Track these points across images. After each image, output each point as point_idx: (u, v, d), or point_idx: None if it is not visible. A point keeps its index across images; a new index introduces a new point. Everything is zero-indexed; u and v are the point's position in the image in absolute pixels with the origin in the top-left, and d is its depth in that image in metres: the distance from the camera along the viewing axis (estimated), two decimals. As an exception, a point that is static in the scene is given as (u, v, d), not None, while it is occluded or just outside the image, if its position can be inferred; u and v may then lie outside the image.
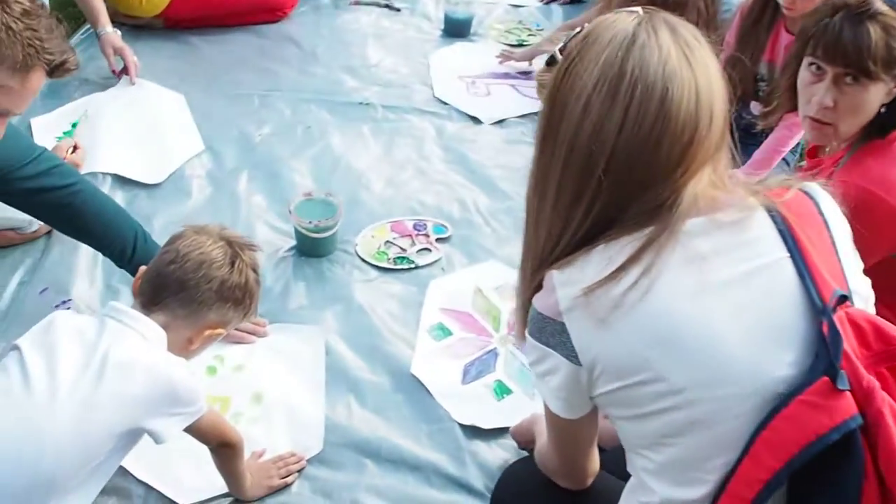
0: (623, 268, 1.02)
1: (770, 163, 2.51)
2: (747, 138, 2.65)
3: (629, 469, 1.18)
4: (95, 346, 1.33)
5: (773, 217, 1.06)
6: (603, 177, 1.03)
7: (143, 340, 1.38)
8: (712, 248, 1.04)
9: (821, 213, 1.10)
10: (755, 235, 1.05)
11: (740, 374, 1.01)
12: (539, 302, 1.11)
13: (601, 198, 1.05)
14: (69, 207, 1.86)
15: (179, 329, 1.46)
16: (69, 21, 3.34)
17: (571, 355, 1.07)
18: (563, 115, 1.06)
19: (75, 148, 2.46)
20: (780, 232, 1.05)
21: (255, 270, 1.55)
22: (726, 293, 1.02)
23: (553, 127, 1.08)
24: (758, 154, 2.52)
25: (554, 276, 1.08)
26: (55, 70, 1.46)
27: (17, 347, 1.36)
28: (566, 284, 1.06)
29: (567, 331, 1.07)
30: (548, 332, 1.09)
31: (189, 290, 1.45)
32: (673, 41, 1.03)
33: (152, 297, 1.46)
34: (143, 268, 1.53)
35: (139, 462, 1.65)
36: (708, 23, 2.78)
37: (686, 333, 1.01)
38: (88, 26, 3.34)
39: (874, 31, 1.57)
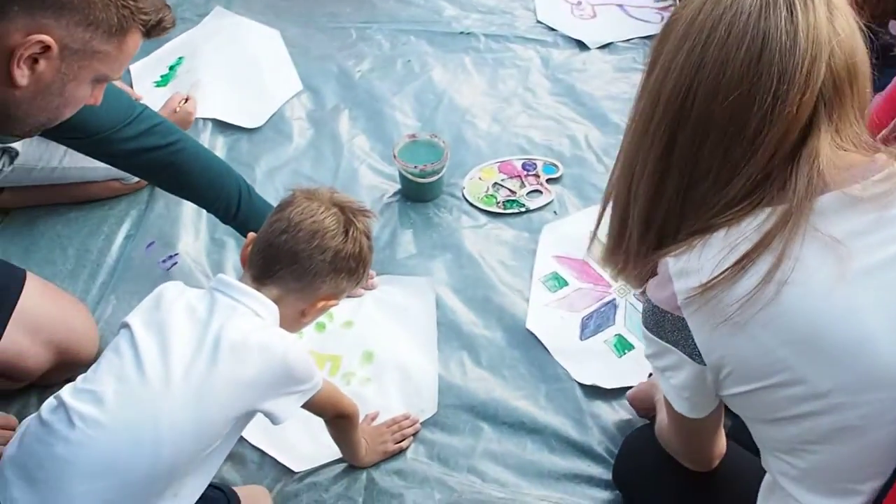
0: (748, 257, 0.89)
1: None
2: (886, 61, 2.41)
3: (764, 466, 1.07)
4: (207, 326, 1.28)
5: None
6: (668, 133, 0.94)
7: (255, 317, 1.32)
8: (851, 229, 0.89)
9: None
10: None
11: (893, 375, 0.88)
12: (654, 292, 1.00)
13: (684, 160, 0.94)
14: (172, 166, 1.80)
15: (292, 302, 1.40)
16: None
17: (695, 353, 0.96)
18: (654, 65, 0.97)
19: (187, 99, 2.39)
20: None
21: (368, 237, 1.47)
22: (871, 281, 0.88)
23: (647, 78, 0.99)
24: (896, 82, 2.29)
25: (669, 265, 0.96)
26: (152, 30, 1.38)
27: (127, 325, 1.31)
28: (683, 275, 0.94)
29: (688, 327, 0.95)
30: (667, 327, 0.98)
31: (302, 261, 1.38)
32: None
33: (264, 270, 1.39)
34: (251, 234, 1.47)
35: (253, 428, 1.61)
36: None
37: (827, 331, 0.88)
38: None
39: None
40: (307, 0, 3.08)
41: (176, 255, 2.08)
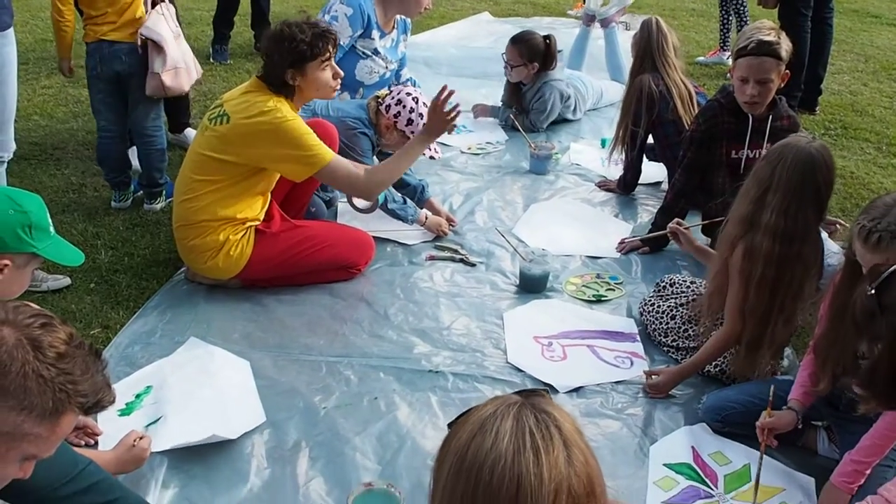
0: None
1: (882, 450, 2.25)
2: (849, 415, 2.42)
3: None
4: None
5: None
6: None
7: None
8: None
9: None
10: None
11: None
12: None
13: None
14: (108, 526, 1.75)
15: None
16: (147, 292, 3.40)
17: None
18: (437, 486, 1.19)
19: (142, 437, 2.34)
20: None
21: None
22: None
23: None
24: (866, 440, 2.26)
25: None
26: (89, 410, 1.39)
27: None
28: None
29: None
30: None
31: None
32: (516, 429, 1.12)
33: None
34: None
35: None
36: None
37: None
38: (178, 273, 3.44)
39: None
40: (283, 330, 3.15)
41: None
